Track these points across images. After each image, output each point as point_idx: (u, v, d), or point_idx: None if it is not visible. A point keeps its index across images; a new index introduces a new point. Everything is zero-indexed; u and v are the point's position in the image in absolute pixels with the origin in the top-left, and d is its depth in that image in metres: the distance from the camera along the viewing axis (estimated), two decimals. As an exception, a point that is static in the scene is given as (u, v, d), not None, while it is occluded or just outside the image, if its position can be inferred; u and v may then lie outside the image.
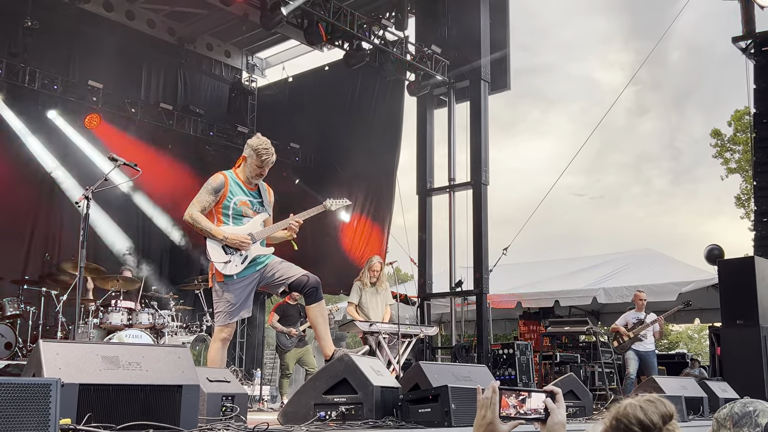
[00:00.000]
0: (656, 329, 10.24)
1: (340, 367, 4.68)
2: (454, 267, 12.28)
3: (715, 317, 12.74)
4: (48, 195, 12.41)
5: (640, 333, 10.14)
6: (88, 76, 12.52)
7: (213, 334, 5.49)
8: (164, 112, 13.62)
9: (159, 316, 9.33)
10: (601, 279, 13.77)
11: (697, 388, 7.40)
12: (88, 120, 12.41)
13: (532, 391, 2.17)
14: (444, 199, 12.58)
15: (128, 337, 8.52)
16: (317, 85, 15.17)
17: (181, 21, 14.61)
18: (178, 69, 14.85)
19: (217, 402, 4.15)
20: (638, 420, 1.88)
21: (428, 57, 12.27)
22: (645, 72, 72.81)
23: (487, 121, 12.17)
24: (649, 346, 10.27)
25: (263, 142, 5.32)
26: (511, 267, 14.62)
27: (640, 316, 10.26)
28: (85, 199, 5.53)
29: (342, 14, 11.16)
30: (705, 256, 12.90)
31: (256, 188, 5.46)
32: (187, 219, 5.25)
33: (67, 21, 12.62)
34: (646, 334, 10.20)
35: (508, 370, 10.45)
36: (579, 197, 76.39)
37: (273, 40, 15.56)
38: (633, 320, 10.29)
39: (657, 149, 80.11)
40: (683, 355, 14.70)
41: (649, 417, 1.88)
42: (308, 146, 15.03)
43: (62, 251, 11.94)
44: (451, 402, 4.37)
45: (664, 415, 1.89)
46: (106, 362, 3.44)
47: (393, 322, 8.11)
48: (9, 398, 2.65)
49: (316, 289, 5.37)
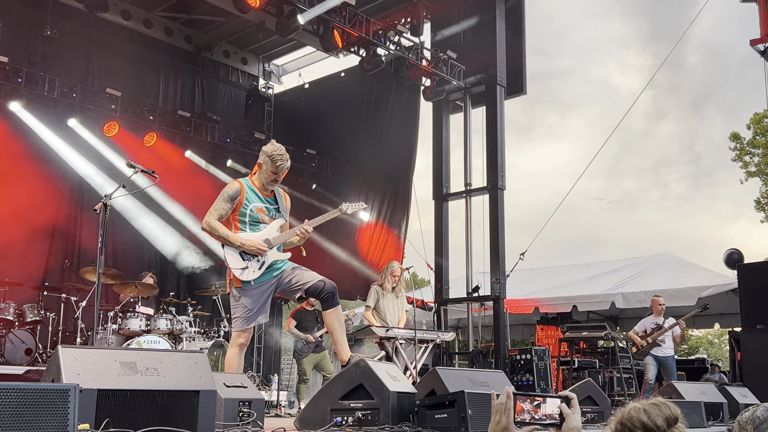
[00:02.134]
0: (676, 333, 10.13)
1: (356, 373, 4.68)
2: (471, 272, 12.26)
3: (735, 322, 12.62)
4: (68, 202, 12.52)
5: (659, 338, 10.06)
6: (107, 84, 12.63)
7: (230, 339, 5.52)
8: (182, 119, 13.71)
9: (177, 321, 9.39)
10: (619, 284, 13.70)
11: (717, 394, 7.33)
12: (107, 127, 12.52)
13: (546, 396, 2.17)
14: (460, 204, 12.57)
15: (146, 342, 8.57)
16: (333, 92, 15.21)
17: (198, 29, 14.72)
18: (195, 76, 14.95)
19: (234, 407, 4.17)
20: (642, 423, 1.87)
21: (444, 62, 12.27)
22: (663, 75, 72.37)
23: (503, 126, 12.15)
24: (668, 351, 10.17)
25: (278, 149, 5.36)
26: (528, 272, 14.58)
27: (659, 321, 10.18)
28: (103, 206, 5.58)
29: (358, 21, 11.19)
30: (724, 260, 12.79)
31: (272, 194, 5.50)
32: (205, 227, 5.30)
33: (86, 30, 12.76)
34: (665, 339, 10.10)
35: (525, 375, 10.40)
36: (597, 201, 75.98)
37: (289, 47, 15.63)
38: (651, 325, 10.20)
39: (676, 153, 79.57)
40: (703, 361, 14.58)
41: (653, 420, 1.87)
42: (324, 152, 15.06)
43: (82, 258, 12.05)
44: (468, 408, 4.36)
45: (668, 419, 1.88)
46: (124, 368, 3.46)
47: (409, 327, 8.11)
48: (28, 403, 2.67)
49: (333, 295, 5.39)
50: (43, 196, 11.89)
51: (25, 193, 11.49)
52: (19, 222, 11.16)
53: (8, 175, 11.41)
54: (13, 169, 11.59)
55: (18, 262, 10.72)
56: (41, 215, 11.84)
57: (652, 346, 10.05)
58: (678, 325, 10.06)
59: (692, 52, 76.06)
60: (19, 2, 11.91)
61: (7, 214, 10.96)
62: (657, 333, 10.06)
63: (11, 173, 11.49)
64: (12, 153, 11.67)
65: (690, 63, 75.63)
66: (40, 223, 11.87)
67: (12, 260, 10.61)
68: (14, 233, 11.00)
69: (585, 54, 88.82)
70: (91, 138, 12.55)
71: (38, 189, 11.91)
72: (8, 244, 10.81)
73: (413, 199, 13.42)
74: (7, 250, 10.71)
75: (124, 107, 12.72)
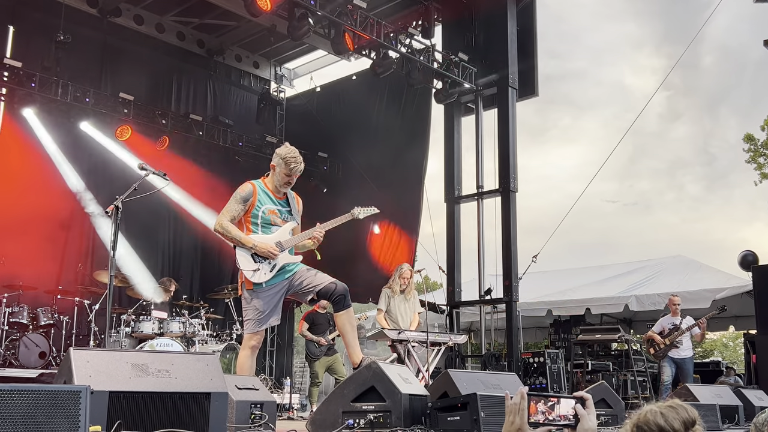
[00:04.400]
0: (696, 332, 10.00)
1: (368, 375, 4.66)
2: (483, 275, 12.20)
3: (750, 324, 12.51)
4: (80, 205, 12.57)
5: (676, 339, 9.96)
6: (120, 88, 12.69)
7: (242, 341, 5.52)
8: (194, 123, 13.76)
9: (189, 324, 9.41)
10: (632, 286, 13.62)
11: (732, 397, 7.26)
12: (120, 131, 12.57)
13: (561, 396, 2.14)
14: (472, 207, 12.53)
15: (159, 345, 8.60)
16: (345, 95, 15.23)
17: (210, 33, 14.77)
18: (207, 80, 15.01)
19: (246, 409, 4.17)
20: (659, 426, 1.84)
21: (455, 65, 12.25)
22: (677, 77, 72.14)
23: (515, 128, 12.11)
24: (685, 352, 10.04)
25: (291, 151, 5.36)
26: (541, 274, 14.51)
27: (676, 322, 10.08)
28: (115, 209, 5.59)
29: (369, 23, 11.19)
30: (739, 262, 12.70)
31: (284, 197, 5.49)
32: (217, 228, 5.30)
33: (99, 35, 12.85)
34: (682, 340, 9.99)
35: (539, 378, 10.36)
36: (612, 204, 75.67)
37: (301, 50, 15.67)
38: (669, 326, 10.10)
39: (690, 155, 79.17)
40: (718, 363, 14.45)
41: (669, 423, 1.83)
42: (336, 155, 15.07)
43: (95, 261, 12.10)
44: (480, 410, 4.33)
45: (686, 421, 1.84)
46: (135, 370, 3.47)
47: (421, 330, 8.08)
48: (40, 405, 2.68)
49: (344, 297, 5.38)
50: (55, 200, 11.96)
51: (39, 197, 11.56)
52: (33, 226, 11.23)
53: (22, 179, 11.50)
54: (27, 172, 11.67)
55: (32, 266, 10.77)
56: (54, 219, 11.90)
57: (669, 347, 9.95)
58: (698, 325, 9.94)
59: (706, 53, 75.75)
60: (32, 8, 12.00)
61: (21, 218, 11.04)
62: (675, 334, 9.95)
63: (25, 177, 11.57)
64: (26, 157, 11.76)
65: (704, 64, 75.29)
66: (54, 226, 11.93)
67: (26, 264, 10.66)
68: (28, 237, 11.06)
69: (598, 55, 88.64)
70: (103, 142, 12.60)
71: (52, 192, 11.98)
72: (22, 248, 10.86)
73: (425, 202, 13.40)
74: (21, 254, 10.76)
75: (136, 111, 12.78)
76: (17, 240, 10.84)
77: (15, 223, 10.92)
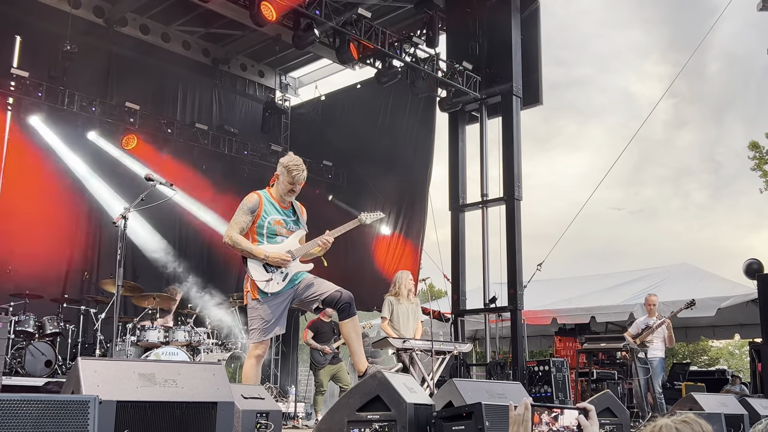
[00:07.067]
0: (665, 334, 9.91)
1: (373, 384, 4.67)
2: (488, 283, 12.20)
3: (756, 332, 12.48)
4: (87, 214, 12.63)
5: (646, 339, 9.87)
6: (125, 97, 12.76)
7: (248, 351, 5.53)
8: (199, 132, 13.82)
9: (195, 333, 9.42)
10: (637, 294, 13.58)
11: (738, 406, 7.24)
12: (125, 140, 12.63)
13: (565, 408, 2.16)
14: (477, 215, 12.54)
15: (165, 354, 8.61)
16: (349, 103, 15.28)
17: (216, 42, 14.85)
18: (212, 89, 15.08)
19: (252, 419, 4.18)
20: None
21: (459, 73, 12.29)
22: (683, 84, 72.05)
23: (520, 137, 12.12)
24: (655, 352, 9.93)
25: (294, 159, 5.37)
26: (546, 283, 14.50)
27: (650, 322, 10.02)
28: (122, 219, 5.62)
29: (373, 33, 11.24)
30: (744, 270, 12.66)
31: (289, 206, 5.50)
32: (227, 241, 5.28)
33: (105, 44, 12.93)
34: (653, 339, 9.89)
35: (543, 387, 10.33)
36: (617, 211, 75.47)
37: (305, 59, 15.74)
38: (642, 326, 10.05)
39: (696, 162, 78.93)
40: (723, 372, 14.41)
41: None
42: (341, 164, 15.12)
43: (101, 270, 12.14)
44: (485, 419, 4.34)
45: None
46: (142, 379, 3.49)
47: (425, 338, 8.08)
48: (48, 415, 2.70)
49: (349, 305, 5.38)
50: (61, 209, 12.01)
51: (44, 206, 11.62)
52: (39, 235, 11.28)
53: (28, 188, 11.55)
54: (33, 182, 11.73)
55: (38, 274, 10.83)
56: (60, 228, 11.96)
57: (640, 347, 9.84)
58: (664, 323, 9.85)
59: (713, 60, 75.65)
60: (39, 18, 12.08)
61: (27, 227, 11.09)
62: (644, 333, 9.86)
63: (31, 186, 11.63)
64: (32, 166, 11.82)
65: (710, 71, 75.18)
66: (60, 235, 11.98)
67: (32, 273, 10.72)
68: (34, 246, 11.12)
69: (604, 63, 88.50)
70: (109, 151, 12.67)
71: (58, 202, 12.04)
72: (28, 257, 10.92)
73: (429, 210, 13.44)
74: (27, 262, 10.82)
75: (142, 120, 12.84)
76: (23, 248, 10.90)
77: (22, 231, 10.97)
